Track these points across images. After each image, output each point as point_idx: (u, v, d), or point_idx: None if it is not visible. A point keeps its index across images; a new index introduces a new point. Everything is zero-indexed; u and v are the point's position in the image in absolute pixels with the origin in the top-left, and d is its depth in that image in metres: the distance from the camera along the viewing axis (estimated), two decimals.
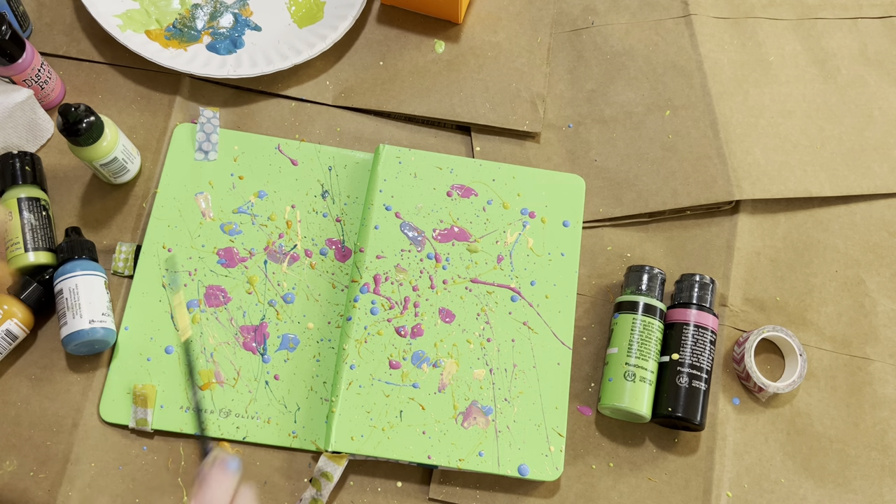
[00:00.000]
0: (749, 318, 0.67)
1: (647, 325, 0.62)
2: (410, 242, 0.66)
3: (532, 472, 0.60)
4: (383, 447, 0.59)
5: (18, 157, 0.63)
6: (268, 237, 0.66)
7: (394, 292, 0.64)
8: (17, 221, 0.62)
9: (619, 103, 0.73)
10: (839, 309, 0.68)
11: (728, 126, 0.72)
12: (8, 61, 0.62)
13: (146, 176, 0.68)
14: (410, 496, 0.60)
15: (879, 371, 0.66)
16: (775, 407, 0.65)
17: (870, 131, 0.74)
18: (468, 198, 0.68)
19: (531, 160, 0.71)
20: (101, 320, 0.59)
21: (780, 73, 0.75)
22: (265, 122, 0.70)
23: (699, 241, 0.69)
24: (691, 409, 0.60)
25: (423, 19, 0.75)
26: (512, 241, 0.67)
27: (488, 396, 0.62)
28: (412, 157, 0.68)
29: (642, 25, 0.77)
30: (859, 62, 0.77)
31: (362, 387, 0.61)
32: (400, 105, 0.71)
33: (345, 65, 0.73)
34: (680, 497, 0.62)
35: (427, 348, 0.63)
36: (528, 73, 0.73)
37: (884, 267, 0.70)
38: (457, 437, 0.60)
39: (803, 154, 0.72)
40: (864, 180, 0.72)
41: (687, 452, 0.63)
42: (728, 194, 0.69)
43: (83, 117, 0.59)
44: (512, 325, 0.64)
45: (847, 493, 0.63)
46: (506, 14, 0.76)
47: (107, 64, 0.71)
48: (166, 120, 0.69)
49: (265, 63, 0.70)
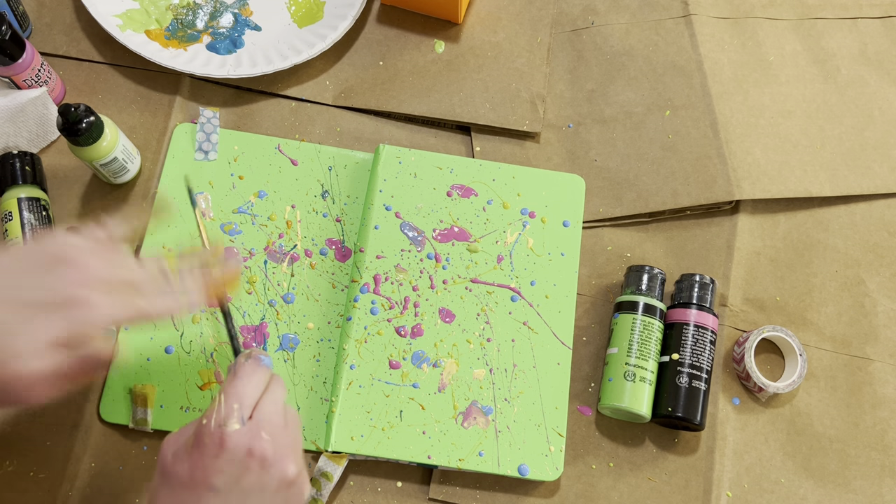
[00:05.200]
0: (749, 318, 0.67)
1: (647, 325, 0.62)
2: (410, 242, 0.66)
3: (532, 472, 0.60)
4: (383, 447, 0.59)
5: (18, 157, 0.63)
6: (268, 237, 0.66)
7: (394, 292, 0.64)
8: (17, 221, 0.62)
9: (619, 103, 0.73)
10: (839, 309, 0.68)
11: (728, 126, 0.72)
12: (8, 61, 0.62)
13: (146, 176, 0.68)
14: (410, 496, 0.60)
15: (879, 371, 0.66)
16: (775, 407, 0.65)
17: (870, 131, 0.74)
18: (468, 198, 0.68)
19: (531, 160, 0.71)
20: None
21: (780, 73, 0.75)
22: (265, 122, 0.70)
23: (699, 241, 0.69)
24: (691, 409, 0.60)
25: (423, 19, 0.75)
26: (512, 241, 0.67)
27: (488, 396, 0.62)
28: (412, 157, 0.68)
29: (642, 25, 0.77)
30: (859, 62, 0.77)
31: (362, 387, 0.61)
32: (400, 105, 0.71)
33: (345, 65, 0.73)
34: (680, 497, 0.62)
35: (427, 348, 0.63)
36: (528, 73, 0.73)
37: (884, 267, 0.70)
38: (457, 437, 0.60)
39: (803, 154, 0.72)
40: (864, 180, 0.72)
41: (687, 452, 0.63)
42: (728, 194, 0.69)
43: (83, 117, 0.59)
44: (512, 325, 0.64)
45: (847, 493, 0.63)
46: (506, 14, 0.76)
47: (107, 64, 0.71)
48: (166, 120, 0.69)
49: (265, 63, 0.70)
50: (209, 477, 0.45)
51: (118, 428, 0.60)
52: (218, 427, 0.45)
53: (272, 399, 0.48)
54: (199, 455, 0.45)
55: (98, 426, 0.60)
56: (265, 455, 0.45)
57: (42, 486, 0.58)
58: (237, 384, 0.47)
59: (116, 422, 0.60)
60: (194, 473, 0.45)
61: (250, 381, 0.48)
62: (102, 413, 0.60)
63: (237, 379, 0.48)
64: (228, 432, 0.45)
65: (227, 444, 0.45)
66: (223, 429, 0.45)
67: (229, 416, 0.46)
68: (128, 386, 0.61)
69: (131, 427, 0.60)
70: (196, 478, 0.45)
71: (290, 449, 0.47)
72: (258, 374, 0.49)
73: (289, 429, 0.48)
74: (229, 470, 0.45)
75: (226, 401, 0.46)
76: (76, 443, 0.59)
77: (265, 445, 0.46)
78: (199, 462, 0.45)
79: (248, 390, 0.47)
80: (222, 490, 0.45)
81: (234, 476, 0.45)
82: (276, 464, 0.46)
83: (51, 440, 0.60)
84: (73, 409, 0.60)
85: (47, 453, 0.59)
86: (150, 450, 0.60)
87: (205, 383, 0.61)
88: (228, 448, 0.45)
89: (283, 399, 0.49)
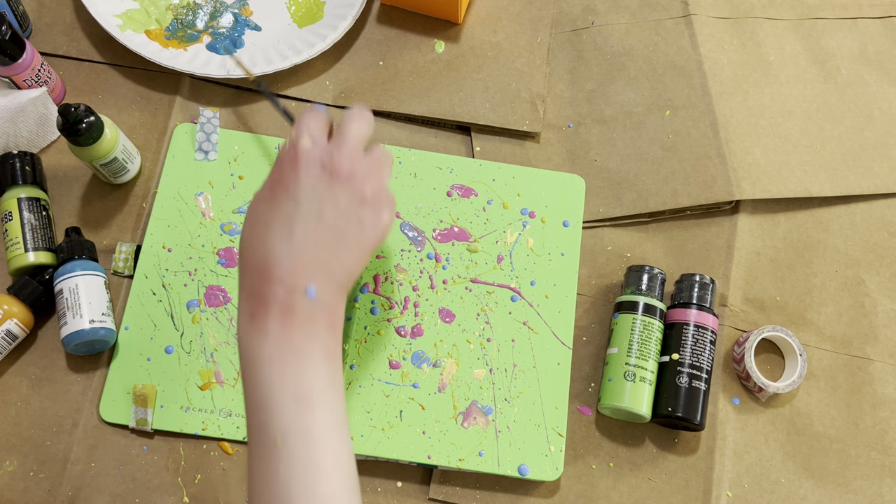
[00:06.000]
0: (749, 318, 0.67)
1: (647, 325, 0.62)
2: (410, 242, 0.66)
3: (532, 472, 0.60)
4: (383, 447, 0.59)
5: (18, 157, 0.63)
6: None
7: (394, 292, 0.64)
8: (17, 221, 0.62)
9: (619, 103, 0.73)
10: (839, 309, 0.68)
11: (728, 126, 0.72)
12: (8, 61, 0.62)
13: (146, 176, 0.68)
14: (410, 496, 0.60)
15: (879, 371, 0.66)
16: (775, 407, 0.65)
17: (870, 131, 0.74)
18: (468, 198, 0.68)
19: (531, 160, 0.71)
20: (101, 320, 0.59)
21: (780, 73, 0.75)
22: (265, 122, 0.70)
23: (699, 241, 0.69)
24: (691, 409, 0.60)
25: (423, 19, 0.75)
26: (512, 241, 0.67)
27: (488, 396, 0.62)
28: (412, 157, 0.68)
29: (642, 25, 0.77)
30: (859, 62, 0.77)
31: (362, 387, 0.61)
32: (400, 105, 0.71)
33: (345, 65, 0.73)
34: (680, 497, 0.62)
35: (427, 348, 0.63)
36: (528, 73, 0.73)
37: (884, 267, 0.70)
38: (457, 437, 0.60)
39: (803, 154, 0.72)
40: (864, 180, 0.72)
41: (687, 452, 0.63)
42: (728, 194, 0.69)
43: (83, 117, 0.59)
44: (512, 325, 0.64)
45: (847, 493, 0.63)
46: (506, 14, 0.76)
47: (107, 64, 0.71)
48: (166, 120, 0.69)
49: (265, 63, 0.70)
50: (288, 186, 0.48)
51: (118, 428, 0.60)
52: (292, 144, 0.49)
53: (352, 129, 0.51)
54: (280, 169, 0.49)
55: (98, 426, 0.60)
56: (339, 170, 0.49)
57: (42, 486, 0.58)
58: (305, 117, 0.51)
59: (116, 422, 0.60)
60: (275, 185, 0.48)
61: (317, 117, 0.51)
62: (102, 413, 0.60)
63: (304, 115, 0.51)
64: (302, 145, 0.48)
65: (300, 155, 0.48)
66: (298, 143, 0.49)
67: (300, 135, 0.49)
68: (128, 386, 0.61)
69: (131, 427, 0.60)
70: (277, 189, 0.48)
71: (370, 172, 0.50)
72: (322, 115, 0.51)
73: (371, 156, 0.51)
74: (305, 181, 0.48)
75: (296, 126, 0.50)
76: (76, 443, 0.59)
77: (339, 161, 0.49)
78: (279, 175, 0.49)
79: (316, 123, 0.50)
80: (299, 199, 0.48)
81: (310, 187, 0.48)
82: (350, 180, 0.49)
83: (51, 440, 0.60)
84: (73, 409, 0.60)
85: (47, 453, 0.59)
86: (150, 450, 0.60)
87: (205, 383, 0.61)
88: (301, 160, 0.48)
89: (365, 130, 0.52)
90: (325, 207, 0.48)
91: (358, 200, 0.49)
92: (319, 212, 0.48)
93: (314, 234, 0.47)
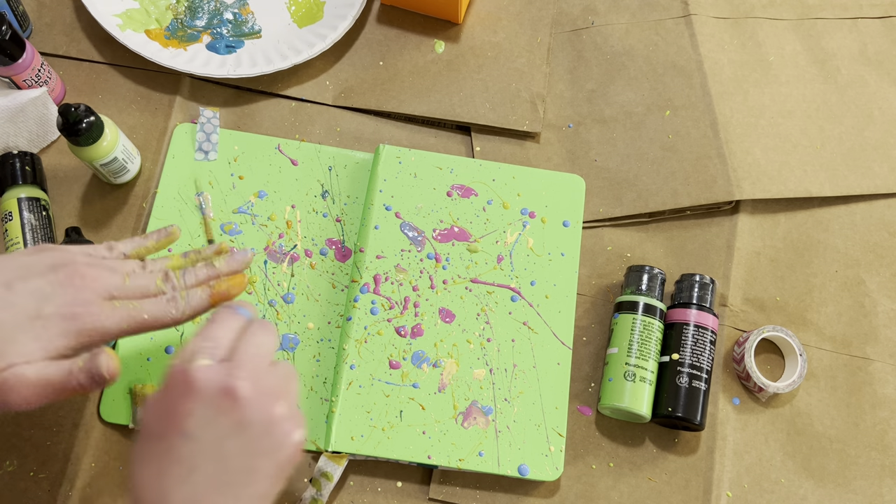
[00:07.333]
0: (749, 318, 0.67)
1: (647, 325, 0.62)
2: (410, 242, 0.66)
3: (532, 472, 0.60)
4: (383, 447, 0.59)
5: (18, 157, 0.63)
6: (268, 237, 0.66)
7: (394, 292, 0.64)
8: (17, 221, 0.62)
9: (619, 103, 0.73)
10: (839, 309, 0.68)
11: (728, 126, 0.72)
12: (8, 61, 0.62)
13: (146, 176, 0.68)
14: (410, 496, 0.60)
15: (879, 371, 0.66)
16: (775, 407, 0.65)
17: (870, 131, 0.74)
18: (468, 198, 0.68)
19: (531, 160, 0.71)
20: None
21: (780, 73, 0.75)
22: (265, 122, 0.70)
23: (699, 241, 0.69)
24: (691, 409, 0.60)
25: (423, 19, 0.75)
26: (512, 241, 0.67)
27: (488, 396, 0.62)
28: (412, 157, 0.68)
29: (642, 25, 0.77)
30: (859, 62, 0.77)
31: (362, 387, 0.61)
32: (400, 105, 0.71)
33: (345, 65, 0.73)
34: (680, 497, 0.62)
35: (427, 348, 0.63)
36: (528, 73, 0.73)
37: (884, 267, 0.70)
38: (457, 437, 0.60)
39: (803, 154, 0.72)
40: (864, 180, 0.72)
41: (687, 452, 0.63)
42: (728, 194, 0.69)
43: (83, 117, 0.59)
44: (512, 325, 0.64)
45: (847, 493, 0.63)
46: (506, 14, 0.76)
47: (107, 64, 0.71)
48: (166, 120, 0.69)
49: (265, 63, 0.70)
50: (179, 421, 0.40)
51: (118, 428, 0.60)
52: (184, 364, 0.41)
53: (255, 342, 0.43)
54: (167, 397, 0.41)
55: (98, 426, 0.60)
56: (242, 393, 0.40)
57: (42, 486, 0.58)
58: (209, 326, 0.44)
59: (116, 422, 0.60)
60: (162, 419, 0.40)
61: (225, 324, 0.44)
62: (102, 413, 0.60)
63: (210, 322, 0.44)
64: (196, 367, 0.40)
65: (195, 381, 0.40)
66: (190, 365, 0.41)
67: (196, 353, 0.41)
68: (128, 386, 0.61)
69: (131, 427, 0.60)
70: (165, 424, 0.40)
71: (277, 390, 0.42)
72: (234, 319, 0.44)
73: (276, 372, 0.43)
74: (201, 412, 0.40)
75: (194, 340, 0.42)
76: (76, 443, 0.59)
77: (241, 383, 0.41)
78: (167, 406, 0.40)
79: (222, 332, 0.43)
80: (194, 435, 0.40)
81: (207, 418, 0.40)
82: (257, 403, 0.41)
83: (51, 440, 0.60)
84: (73, 409, 0.60)
85: (47, 453, 0.59)
86: None
87: None
88: (197, 386, 0.40)
89: (270, 345, 0.44)
90: (227, 442, 0.40)
91: (266, 422, 0.41)
92: (220, 447, 0.40)
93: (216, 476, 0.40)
